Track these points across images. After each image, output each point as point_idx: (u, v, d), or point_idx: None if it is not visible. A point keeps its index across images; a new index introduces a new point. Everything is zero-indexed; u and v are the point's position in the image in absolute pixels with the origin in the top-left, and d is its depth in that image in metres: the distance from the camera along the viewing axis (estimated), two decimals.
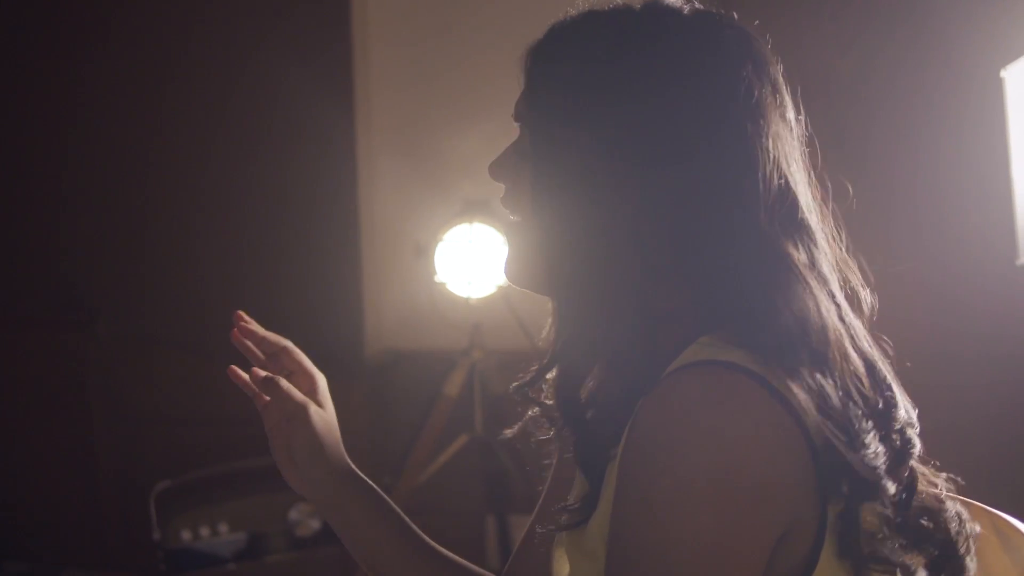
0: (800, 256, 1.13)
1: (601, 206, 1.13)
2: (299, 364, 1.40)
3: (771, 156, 1.13)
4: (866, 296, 1.21)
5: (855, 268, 1.21)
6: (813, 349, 1.08)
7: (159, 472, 3.35)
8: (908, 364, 1.23)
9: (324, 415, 1.38)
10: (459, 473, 3.30)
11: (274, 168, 3.47)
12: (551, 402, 1.27)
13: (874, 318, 1.20)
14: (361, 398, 3.42)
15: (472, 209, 3.18)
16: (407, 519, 1.41)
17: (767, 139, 1.13)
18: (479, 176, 1.27)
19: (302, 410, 1.36)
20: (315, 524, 3.32)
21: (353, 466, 1.40)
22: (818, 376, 1.07)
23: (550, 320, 1.24)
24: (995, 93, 2.53)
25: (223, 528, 3.26)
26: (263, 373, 1.36)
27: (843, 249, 1.21)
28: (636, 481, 1.05)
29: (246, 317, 1.40)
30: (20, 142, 3.61)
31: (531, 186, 1.17)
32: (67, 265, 3.63)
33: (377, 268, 3.56)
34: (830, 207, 1.20)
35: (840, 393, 1.09)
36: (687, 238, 1.12)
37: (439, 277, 3.21)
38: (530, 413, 1.32)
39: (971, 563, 1.17)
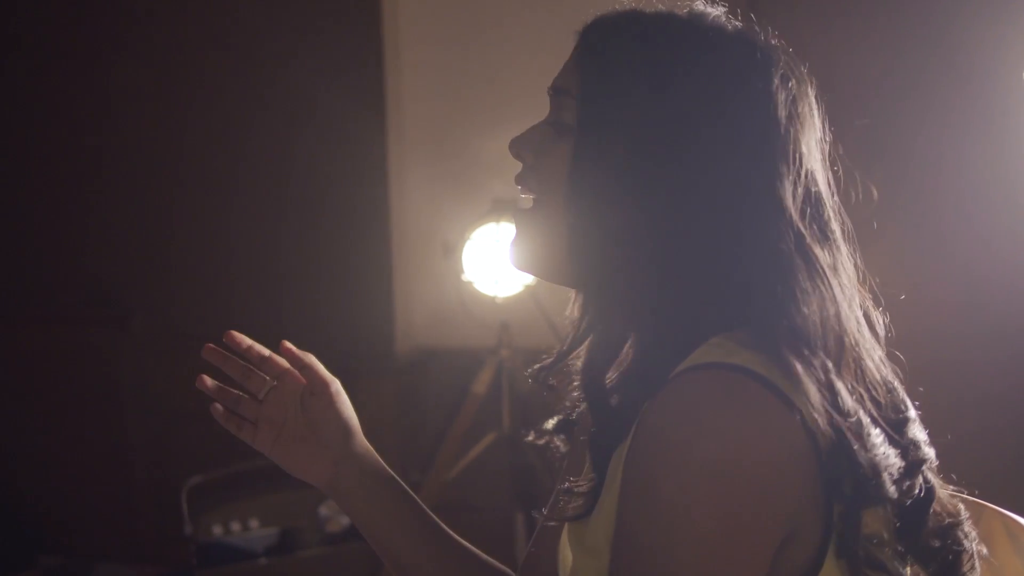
0: (827, 260, 1.15)
1: (641, 190, 1.13)
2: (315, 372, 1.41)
3: (806, 164, 1.16)
4: (879, 317, 1.21)
5: (868, 295, 1.22)
6: (828, 350, 1.10)
7: (191, 467, 3.36)
8: (921, 389, 1.24)
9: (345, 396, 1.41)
10: (487, 470, 3.30)
11: (306, 169, 3.48)
12: (570, 389, 1.28)
13: (890, 335, 1.21)
14: (391, 395, 3.42)
15: (499, 208, 3.17)
16: (419, 501, 1.43)
17: (804, 147, 1.16)
18: (507, 176, 1.27)
19: (334, 382, 1.39)
20: (345, 520, 3.32)
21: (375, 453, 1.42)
22: (832, 377, 1.08)
23: (573, 303, 1.24)
24: (1017, 95, 2.54)
25: (254, 523, 3.27)
26: (293, 347, 1.39)
27: (860, 273, 1.21)
28: (641, 481, 1.07)
29: (238, 338, 1.42)
30: (56, 145, 3.64)
31: (571, 160, 1.17)
32: (101, 264, 3.65)
33: (407, 267, 3.56)
34: (848, 233, 1.21)
35: (852, 397, 1.10)
36: (723, 234, 1.13)
37: (466, 276, 3.21)
38: (550, 424, 1.34)
39: None
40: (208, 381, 1.40)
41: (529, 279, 3.11)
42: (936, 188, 2.97)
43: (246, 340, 1.42)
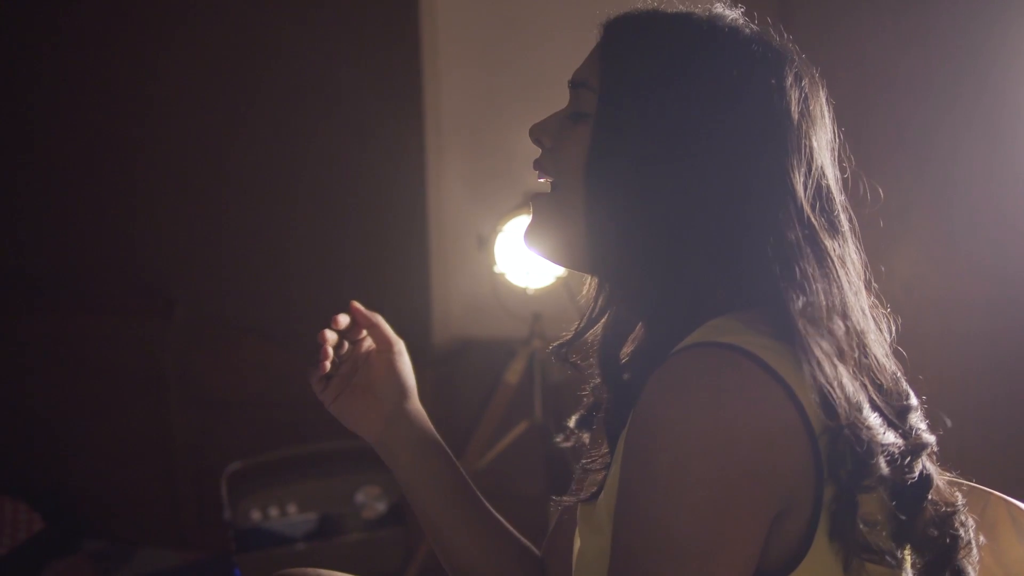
0: (836, 250, 1.19)
1: (655, 175, 1.18)
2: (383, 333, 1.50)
3: (816, 159, 1.20)
4: (885, 318, 1.25)
5: (873, 298, 1.25)
6: (832, 333, 1.13)
7: (231, 454, 3.40)
8: (920, 377, 1.27)
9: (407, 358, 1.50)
10: (519, 458, 3.32)
11: (347, 166, 3.49)
12: (588, 365, 1.33)
13: (895, 336, 1.25)
14: (428, 384, 3.42)
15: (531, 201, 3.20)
16: (460, 469, 1.51)
17: (816, 143, 1.20)
18: None
19: (398, 342, 1.48)
20: (381, 507, 3.35)
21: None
22: (833, 358, 1.12)
23: (588, 284, 1.30)
24: None
25: (292, 509, 3.29)
26: (361, 307, 1.47)
27: (867, 272, 1.26)
28: (639, 457, 1.10)
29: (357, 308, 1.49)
30: (103, 137, 3.66)
31: (588, 144, 1.21)
32: (146, 255, 3.67)
33: (444, 261, 3.57)
34: (857, 232, 1.26)
35: (856, 382, 1.13)
36: (732, 220, 1.17)
37: (498, 267, 3.22)
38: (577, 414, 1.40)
39: (972, 570, 1.20)
40: (330, 336, 1.46)
41: (560, 270, 3.13)
42: (972, 182, 2.98)
43: (344, 318, 1.48)
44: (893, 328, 1.26)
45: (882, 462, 1.11)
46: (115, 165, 3.68)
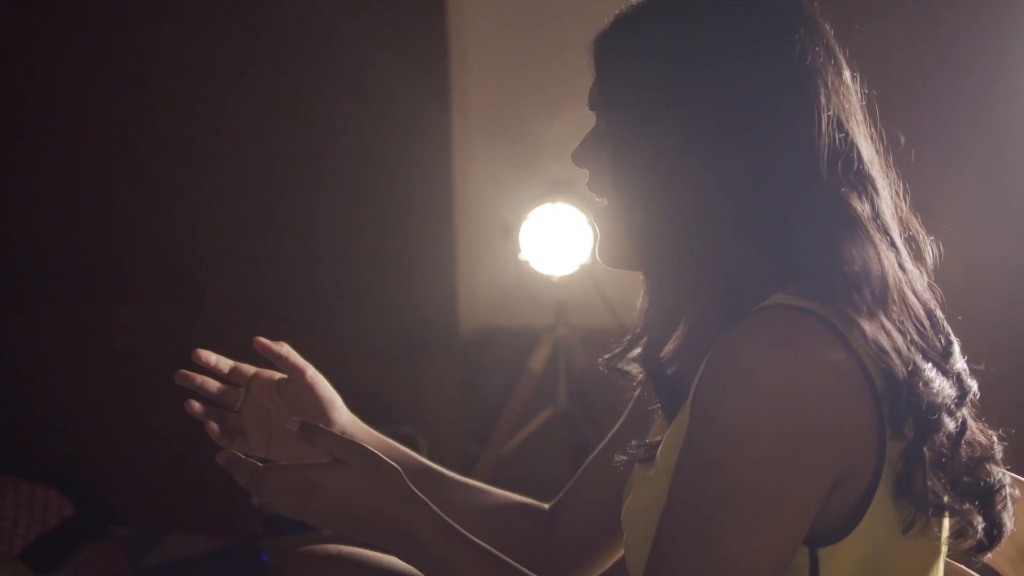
0: (863, 208, 1.20)
1: (676, 181, 1.20)
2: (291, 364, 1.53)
3: (830, 113, 1.19)
4: (928, 247, 1.27)
5: (918, 223, 1.27)
6: (875, 295, 1.15)
7: None
8: (960, 317, 1.30)
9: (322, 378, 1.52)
10: (543, 444, 3.35)
11: (373, 151, 3.50)
12: (634, 370, 1.36)
13: (936, 267, 1.27)
14: (454, 372, 3.44)
15: (556, 190, 3.21)
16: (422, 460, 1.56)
17: (824, 97, 1.19)
18: (565, 158, 1.36)
19: (308, 367, 1.52)
20: None
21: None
22: (881, 318, 1.14)
23: (643, 294, 1.33)
24: None
25: None
26: (265, 340, 1.53)
27: (906, 203, 1.27)
28: (710, 404, 1.13)
29: (204, 356, 1.53)
30: (131, 125, 3.67)
31: (609, 169, 1.25)
32: (176, 243, 3.68)
33: (470, 248, 3.59)
34: (891, 162, 1.26)
35: (905, 338, 1.16)
36: (757, 201, 1.19)
37: (523, 255, 3.25)
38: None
39: (1009, 521, 1.23)
40: (196, 405, 1.50)
41: (585, 259, 3.16)
42: (996, 173, 2.99)
43: (212, 356, 1.54)
44: (934, 255, 1.27)
45: (945, 417, 1.15)
46: (143, 152, 3.68)
